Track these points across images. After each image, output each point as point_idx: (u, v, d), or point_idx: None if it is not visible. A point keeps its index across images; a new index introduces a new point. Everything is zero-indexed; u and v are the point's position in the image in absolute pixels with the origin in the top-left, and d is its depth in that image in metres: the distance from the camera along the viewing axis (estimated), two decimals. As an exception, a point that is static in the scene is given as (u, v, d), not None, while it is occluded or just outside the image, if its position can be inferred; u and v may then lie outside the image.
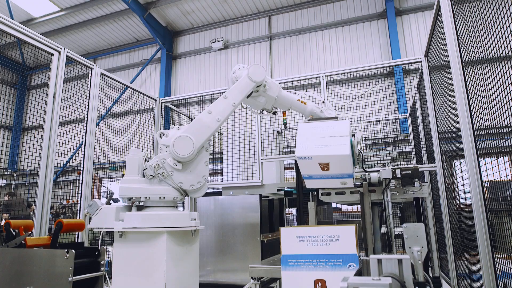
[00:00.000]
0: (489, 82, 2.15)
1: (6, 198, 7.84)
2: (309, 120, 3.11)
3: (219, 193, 5.23)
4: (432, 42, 3.73)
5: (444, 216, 3.71)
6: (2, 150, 5.00)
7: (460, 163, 3.03)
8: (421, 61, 4.32)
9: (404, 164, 5.38)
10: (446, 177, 3.73)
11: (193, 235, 2.60)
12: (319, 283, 1.90)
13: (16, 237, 2.58)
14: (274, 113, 3.30)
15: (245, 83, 2.82)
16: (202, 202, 5.24)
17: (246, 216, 4.92)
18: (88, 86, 4.29)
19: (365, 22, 10.52)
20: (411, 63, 4.61)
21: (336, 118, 3.05)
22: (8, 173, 11.35)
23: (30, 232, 2.74)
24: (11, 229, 2.61)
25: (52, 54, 3.72)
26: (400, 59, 6.39)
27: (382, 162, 5.70)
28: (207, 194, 4.96)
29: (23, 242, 2.55)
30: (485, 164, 2.44)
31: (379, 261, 1.18)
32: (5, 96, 10.87)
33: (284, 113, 3.57)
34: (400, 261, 1.16)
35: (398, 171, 3.52)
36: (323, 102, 3.23)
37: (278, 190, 4.87)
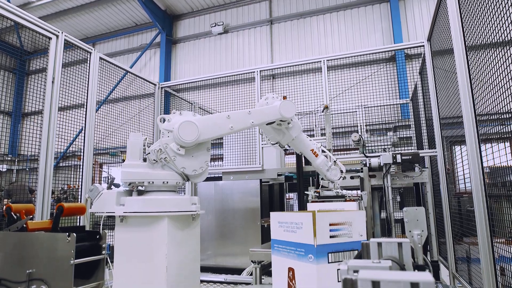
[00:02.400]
0: (492, 67, 2.13)
1: (8, 187, 7.88)
2: (316, 197, 3.20)
3: (219, 178, 5.24)
4: (436, 26, 3.67)
5: (443, 201, 3.73)
6: (2, 136, 4.99)
7: (461, 149, 3.02)
8: (423, 46, 4.27)
9: (404, 150, 5.37)
10: (447, 162, 3.73)
11: (194, 219, 2.61)
12: (291, 271, 1.82)
13: (17, 221, 2.60)
14: (285, 150, 3.28)
15: (272, 111, 2.84)
16: (202, 187, 5.27)
17: (246, 200, 4.95)
18: (87, 71, 4.25)
19: (367, 5, 10.36)
20: (414, 47, 4.55)
21: (344, 197, 3.12)
22: (8, 158, 11.38)
23: (31, 216, 2.75)
24: (12, 213, 2.62)
25: (50, 38, 3.67)
26: (402, 43, 6.32)
27: (382, 147, 5.70)
28: (208, 179, 4.97)
29: (24, 226, 2.57)
30: (485, 149, 2.43)
31: (379, 244, 1.18)
32: (4, 81, 10.80)
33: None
34: (400, 244, 1.17)
35: (398, 157, 3.53)
36: (335, 162, 3.22)
37: (278, 175, 4.88)
